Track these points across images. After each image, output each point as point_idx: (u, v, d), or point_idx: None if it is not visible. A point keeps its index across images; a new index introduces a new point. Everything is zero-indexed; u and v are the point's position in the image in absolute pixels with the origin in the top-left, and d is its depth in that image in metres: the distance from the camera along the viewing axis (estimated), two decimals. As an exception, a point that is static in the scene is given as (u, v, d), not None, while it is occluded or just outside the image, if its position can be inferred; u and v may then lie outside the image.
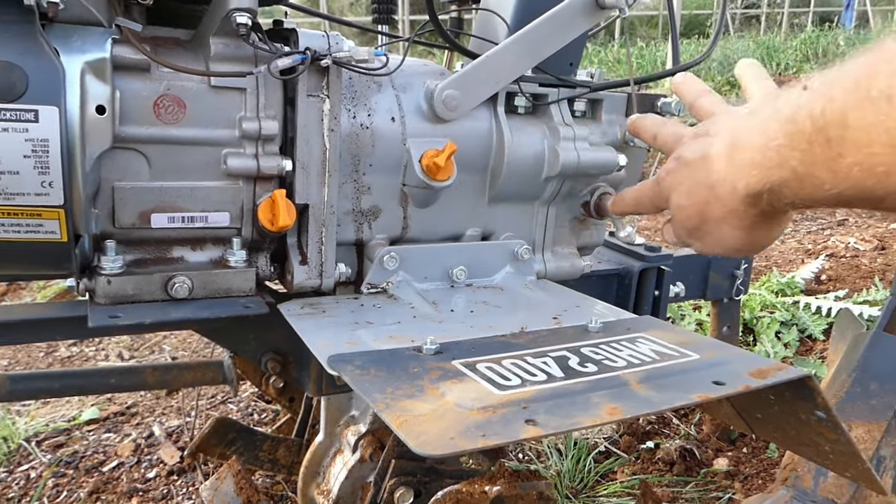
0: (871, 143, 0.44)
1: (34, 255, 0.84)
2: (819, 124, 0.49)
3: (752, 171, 0.60)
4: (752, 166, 0.60)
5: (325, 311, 0.99)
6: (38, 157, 0.78)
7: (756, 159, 0.59)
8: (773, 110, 0.57)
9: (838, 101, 0.47)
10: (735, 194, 0.64)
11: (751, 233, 0.68)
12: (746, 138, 0.62)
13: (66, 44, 0.81)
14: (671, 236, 0.83)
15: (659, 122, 0.90)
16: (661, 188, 0.79)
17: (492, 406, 0.65)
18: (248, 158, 0.94)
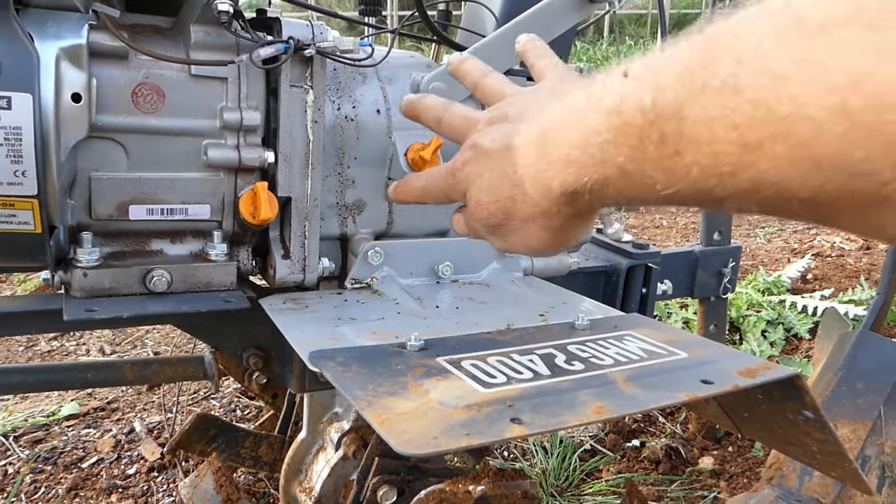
0: (714, 140, 0.37)
1: (7, 247, 0.82)
2: (650, 118, 0.41)
3: (568, 168, 0.50)
4: (568, 163, 0.50)
5: (307, 306, 0.97)
6: (11, 146, 0.76)
7: (573, 155, 0.49)
8: (588, 98, 0.48)
9: (670, 91, 0.39)
10: (548, 193, 0.54)
11: (560, 233, 0.59)
12: (560, 130, 0.52)
13: (41, 29, 0.79)
14: (463, 229, 0.72)
15: (442, 104, 0.76)
16: (455, 179, 0.67)
17: (476, 404, 0.64)
18: (230, 150, 0.92)
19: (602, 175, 0.47)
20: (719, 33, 0.37)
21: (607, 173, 0.46)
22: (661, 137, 0.40)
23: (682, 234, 4.01)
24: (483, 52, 1.08)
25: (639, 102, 0.42)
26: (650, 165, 0.42)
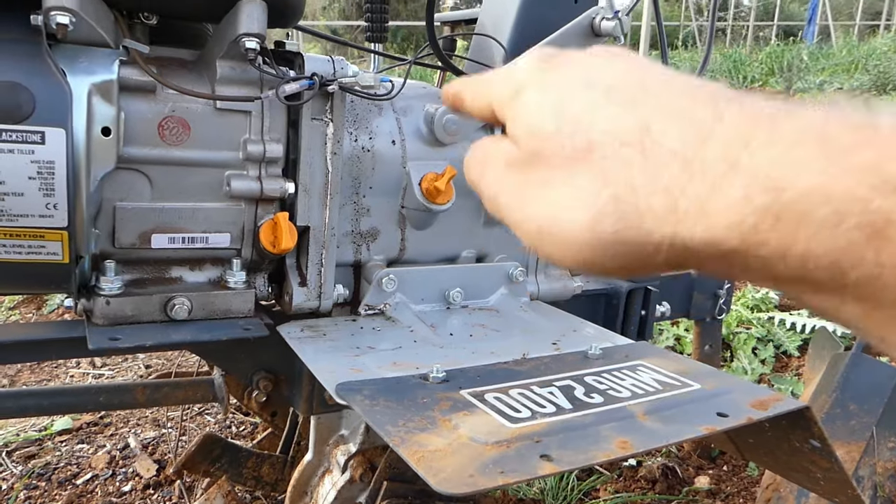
0: None
1: (34, 276, 0.83)
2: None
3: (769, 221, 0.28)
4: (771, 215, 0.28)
5: (324, 333, 0.99)
6: (44, 179, 0.77)
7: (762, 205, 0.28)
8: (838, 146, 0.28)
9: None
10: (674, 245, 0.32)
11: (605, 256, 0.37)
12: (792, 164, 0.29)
13: (74, 65, 0.80)
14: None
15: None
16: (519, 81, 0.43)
17: (505, 440, 0.66)
18: (252, 181, 0.94)
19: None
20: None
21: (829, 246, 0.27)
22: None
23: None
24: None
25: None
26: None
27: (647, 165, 0.32)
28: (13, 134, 0.75)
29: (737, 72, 10.51)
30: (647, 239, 0.33)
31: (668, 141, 0.32)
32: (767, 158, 0.28)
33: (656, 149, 0.32)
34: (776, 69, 10.83)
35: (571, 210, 0.35)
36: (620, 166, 0.33)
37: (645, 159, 0.33)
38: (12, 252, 0.79)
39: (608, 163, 0.34)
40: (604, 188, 0.34)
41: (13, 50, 0.76)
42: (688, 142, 0.31)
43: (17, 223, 0.78)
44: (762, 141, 0.29)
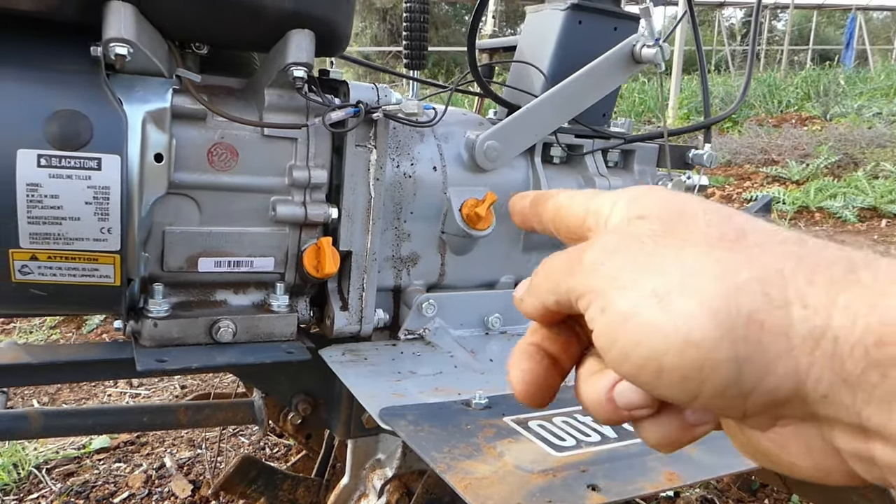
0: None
1: (87, 298, 0.85)
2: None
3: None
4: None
5: (365, 358, 0.99)
6: (99, 204, 0.79)
7: None
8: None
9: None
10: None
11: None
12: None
13: (130, 93, 0.83)
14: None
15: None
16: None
17: (551, 469, 0.66)
18: (297, 206, 0.95)
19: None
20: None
21: None
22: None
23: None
24: (536, 112, 1.11)
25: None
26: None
27: (803, 261, 0.31)
28: (72, 160, 0.77)
29: (772, 96, 10.42)
30: (785, 330, 0.29)
31: (824, 252, 0.32)
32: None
33: (814, 254, 0.31)
34: (812, 94, 10.72)
35: (700, 276, 0.31)
36: (773, 255, 0.32)
37: (802, 257, 0.31)
38: (67, 275, 0.82)
39: (760, 250, 0.32)
40: (748, 269, 0.31)
41: (74, 80, 0.79)
42: (839, 261, 0.31)
43: (73, 246, 0.80)
44: (871, 284, 0.30)
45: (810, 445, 0.31)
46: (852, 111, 8.93)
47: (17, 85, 0.77)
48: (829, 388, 0.29)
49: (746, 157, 6.66)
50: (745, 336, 0.30)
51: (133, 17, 0.77)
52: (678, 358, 0.31)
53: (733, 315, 0.30)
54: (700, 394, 0.31)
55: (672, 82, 10.00)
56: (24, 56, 0.79)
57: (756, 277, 0.31)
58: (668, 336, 0.31)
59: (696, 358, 0.30)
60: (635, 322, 0.32)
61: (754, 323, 0.30)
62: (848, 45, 16.56)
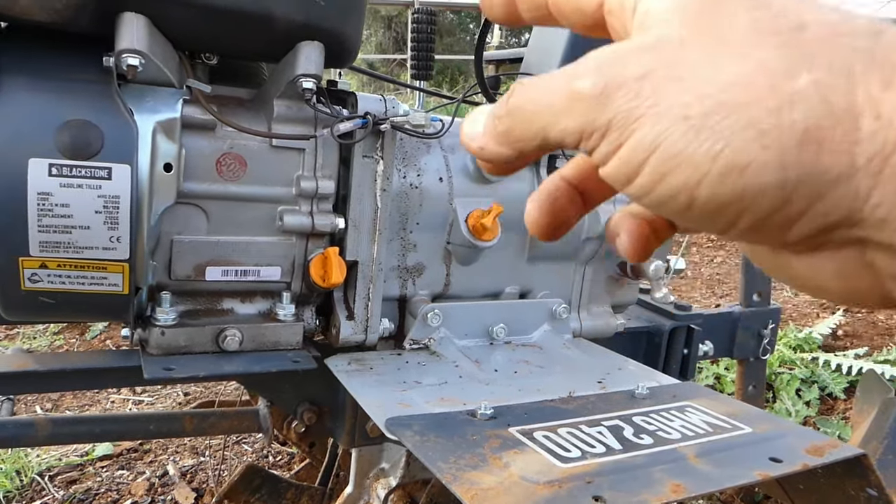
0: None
1: (95, 306, 0.86)
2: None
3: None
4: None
5: (371, 367, 1.00)
6: (109, 213, 0.80)
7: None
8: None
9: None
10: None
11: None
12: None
13: (140, 103, 0.83)
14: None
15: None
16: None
17: (557, 480, 0.66)
18: (304, 216, 0.96)
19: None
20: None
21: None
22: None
23: (707, 285, 4.02)
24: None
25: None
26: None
27: (877, 59, 0.25)
28: (83, 170, 0.78)
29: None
30: (849, 147, 0.24)
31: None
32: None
33: (893, 50, 0.25)
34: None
35: (742, 88, 0.25)
36: (839, 52, 0.25)
37: (876, 54, 0.25)
38: (76, 282, 0.82)
39: (822, 45, 0.26)
40: (807, 70, 0.25)
41: (85, 89, 0.80)
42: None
43: (82, 255, 0.81)
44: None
45: (847, 268, 0.28)
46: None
47: (29, 95, 0.78)
48: (889, 212, 0.24)
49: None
50: (798, 158, 0.25)
51: (146, 29, 0.78)
52: (715, 187, 0.26)
53: (786, 132, 0.25)
54: (736, 224, 0.27)
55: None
56: (36, 66, 0.80)
57: (816, 81, 0.25)
58: (700, 166, 0.26)
59: (736, 185, 0.25)
60: (660, 154, 0.26)
61: (811, 141, 0.24)
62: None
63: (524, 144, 0.31)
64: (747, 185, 0.25)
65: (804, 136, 0.24)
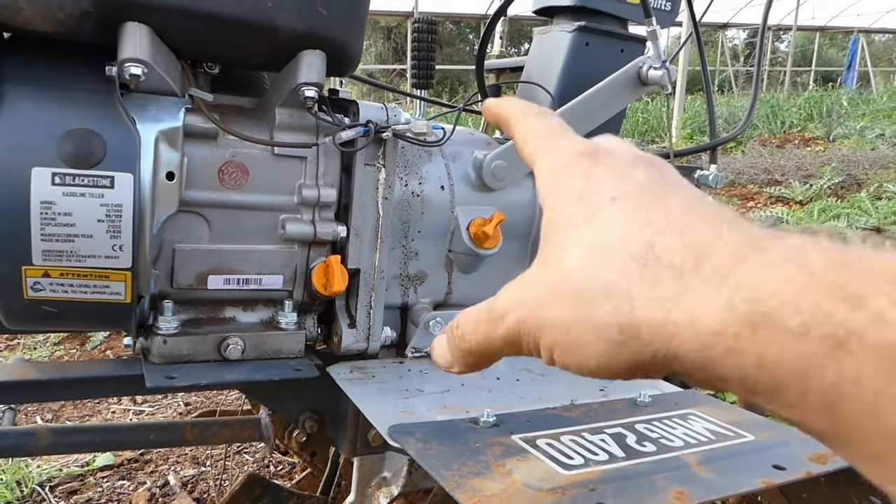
0: None
1: (98, 315, 0.86)
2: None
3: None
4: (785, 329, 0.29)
5: (373, 375, 0.99)
6: (111, 222, 0.80)
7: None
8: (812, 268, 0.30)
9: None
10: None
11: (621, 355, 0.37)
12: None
13: (143, 112, 0.84)
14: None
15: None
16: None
17: (560, 487, 0.66)
18: (306, 224, 0.96)
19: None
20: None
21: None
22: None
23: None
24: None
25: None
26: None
27: (644, 280, 0.34)
28: (85, 178, 0.78)
29: (775, 117, 10.45)
30: (644, 348, 0.34)
31: (667, 257, 0.34)
32: (753, 276, 0.30)
33: (657, 264, 0.34)
34: (815, 115, 10.75)
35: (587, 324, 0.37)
36: (625, 280, 0.35)
37: (644, 274, 0.34)
38: (78, 291, 0.82)
39: (615, 277, 0.35)
40: (606, 302, 0.35)
41: (88, 99, 0.80)
42: (685, 258, 0.33)
43: (85, 263, 0.81)
44: (752, 261, 0.31)
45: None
46: (855, 132, 8.95)
47: (33, 104, 0.78)
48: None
49: (750, 178, 6.67)
50: (623, 358, 0.35)
51: (148, 38, 0.78)
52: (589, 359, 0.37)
53: (612, 348, 0.35)
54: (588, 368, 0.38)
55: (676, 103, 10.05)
56: (40, 76, 0.81)
57: (614, 307, 0.36)
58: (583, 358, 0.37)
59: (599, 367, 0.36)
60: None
61: (624, 349, 0.36)
62: (850, 66, 16.65)
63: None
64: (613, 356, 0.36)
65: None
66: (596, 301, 0.36)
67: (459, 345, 0.45)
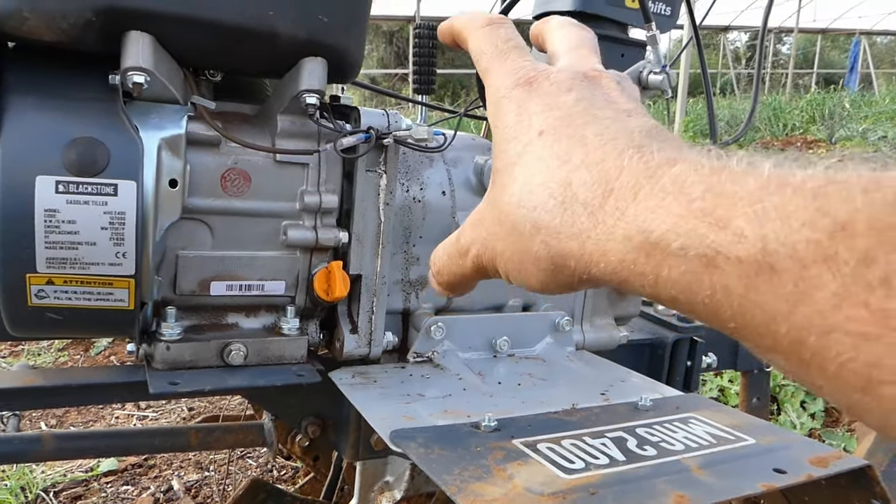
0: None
1: (101, 322, 0.86)
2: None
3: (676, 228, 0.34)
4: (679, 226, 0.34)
5: (375, 380, 1.00)
6: (115, 229, 0.81)
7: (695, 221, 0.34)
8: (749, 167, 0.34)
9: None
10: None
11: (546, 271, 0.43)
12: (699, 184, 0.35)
13: (146, 120, 0.84)
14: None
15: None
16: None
17: (561, 491, 0.66)
18: (307, 230, 0.96)
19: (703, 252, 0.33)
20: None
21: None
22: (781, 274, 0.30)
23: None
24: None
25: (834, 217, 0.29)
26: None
27: (564, 216, 0.40)
28: (89, 186, 0.79)
29: (777, 119, 10.45)
30: (572, 273, 0.40)
31: (582, 194, 0.39)
32: (645, 208, 0.36)
33: (573, 202, 0.40)
34: (817, 117, 10.75)
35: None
36: (549, 216, 0.41)
37: (564, 211, 0.40)
38: (82, 298, 0.83)
39: (541, 214, 0.41)
40: (537, 236, 0.41)
41: (92, 107, 0.81)
42: (595, 195, 0.39)
43: (88, 271, 0.82)
44: (645, 193, 0.36)
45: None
46: (857, 134, 8.95)
47: (36, 113, 0.79)
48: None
49: (752, 180, 6.67)
50: (555, 277, 0.43)
51: (151, 47, 0.79)
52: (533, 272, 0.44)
53: (546, 269, 0.43)
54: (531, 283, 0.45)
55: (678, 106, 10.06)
56: (43, 85, 0.81)
57: (543, 241, 0.42)
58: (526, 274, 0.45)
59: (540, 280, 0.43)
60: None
61: (556, 271, 0.43)
62: (852, 68, 16.65)
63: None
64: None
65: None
66: (530, 236, 0.42)
67: (438, 280, 0.53)
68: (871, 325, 0.27)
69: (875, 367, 0.27)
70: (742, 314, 0.32)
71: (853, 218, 0.28)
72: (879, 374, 0.27)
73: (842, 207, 0.29)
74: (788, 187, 0.31)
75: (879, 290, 0.27)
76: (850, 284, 0.28)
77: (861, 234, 0.28)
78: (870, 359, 0.27)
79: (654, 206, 0.35)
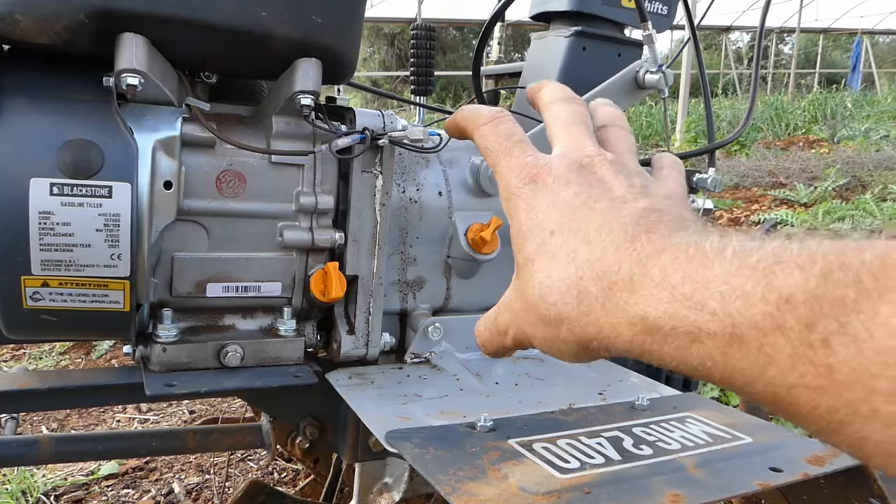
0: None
1: (97, 324, 0.86)
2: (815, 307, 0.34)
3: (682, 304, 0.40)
4: (688, 300, 0.40)
5: (372, 381, 1.00)
6: (110, 231, 0.81)
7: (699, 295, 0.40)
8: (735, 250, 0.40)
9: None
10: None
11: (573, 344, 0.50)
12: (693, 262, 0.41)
13: (140, 122, 0.85)
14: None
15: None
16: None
17: (556, 491, 0.66)
18: (304, 231, 0.96)
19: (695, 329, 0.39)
20: None
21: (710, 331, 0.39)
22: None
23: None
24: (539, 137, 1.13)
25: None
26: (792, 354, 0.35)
27: (581, 307, 0.46)
28: (83, 188, 0.79)
29: (779, 119, 10.43)
30: (596, 350, 0.48)
31: (592, 288, 0.46)
32: (641, 297, 0.42)
33: (586, 295, 0.46)
34: (819, 117, 10.73)
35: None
36: (569, 308, 0.47)
37: (580, 303, 0.46)
38: (77, 300, 0.83)
39: (562, 308, 0.48)
40: (562, 325, 0.48)
41: (86, 109, 0.81)
42: (602, 287, 0.45)
43: (84, 273, 0.82)
44: (639, 283, 0.43)
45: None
46: (860, 134, 8.94)
47: (31, 115, 0.79)
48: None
49: (754, 180, 6.66)
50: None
51: (145, 49, 0.79)
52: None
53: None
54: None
55: (679, 106, 10.04)
56: (37, 87, 0.82)
57: (569, 329, 0.49)
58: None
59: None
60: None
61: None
62: (854, 68, 16.63)
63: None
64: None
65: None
66: (556, 326, 0.48)
67: (485, 351, 0.61)
68: (821, 379, 0.33)
69: (834, 412, 0.33)
70: (728, 377, 0.38)
71: (793, 292, 0.35)
72: (840, 418, 0.32)
73: (784, 283, 0.35)
74: (746, 269, 0.37)
75: (821, 350, 0.33)
76: (799, 346, 0.34)
77: (801, 304, 0.34)
78: (828, 406, 0.33)
79: (647, 294, 0.42)
